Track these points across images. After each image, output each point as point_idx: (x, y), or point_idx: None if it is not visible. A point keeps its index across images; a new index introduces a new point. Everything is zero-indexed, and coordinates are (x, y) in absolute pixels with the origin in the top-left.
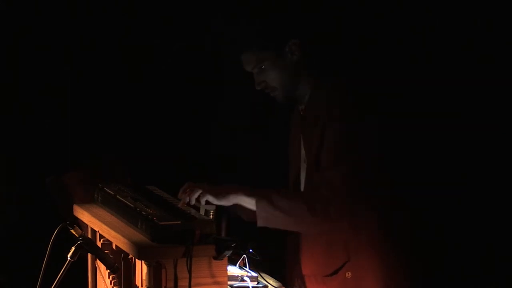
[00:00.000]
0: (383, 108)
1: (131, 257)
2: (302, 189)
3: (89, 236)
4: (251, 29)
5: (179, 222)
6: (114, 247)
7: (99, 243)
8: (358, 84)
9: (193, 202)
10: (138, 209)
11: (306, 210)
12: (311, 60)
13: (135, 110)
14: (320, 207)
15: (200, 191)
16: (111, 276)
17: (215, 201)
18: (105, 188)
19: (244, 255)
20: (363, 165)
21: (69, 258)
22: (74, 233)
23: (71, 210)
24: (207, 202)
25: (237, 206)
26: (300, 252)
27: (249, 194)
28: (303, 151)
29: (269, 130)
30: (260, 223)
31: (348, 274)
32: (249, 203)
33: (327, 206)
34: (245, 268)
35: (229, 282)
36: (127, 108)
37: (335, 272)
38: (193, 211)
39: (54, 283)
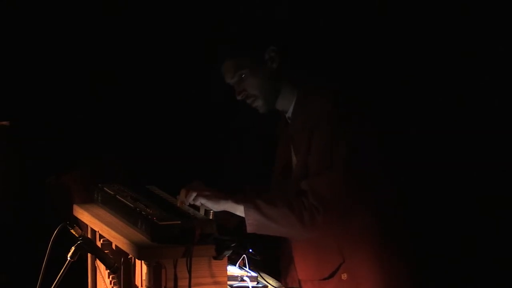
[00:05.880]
0: (371, 112)
1: (131, 257)
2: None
3: (89, 236)
4: (228, 36)
5: (179, 222)
6: (114, 247)
7: (99, 243)
8: (344, 89)
9: (187, 203)
10: (138, 209)
11: (294, 219)
12: (293, 66)
13: (135, 110)
14: (307, 215)
15: (194, 194)
16: (111, 276)
17: (208, 204)
18: (105, 188)
19: (244, 255)
20: (350, 170)
21: (69, 258)
22: (74, 233)
23: (70, 210)
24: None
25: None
26: (294, 257)
27: (237, 201)
28: (294, 158)
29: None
30: (249, 229)
31: (344, 276)
32: (237, 209)
33: (315, 215)
34: (245, 268)
35: (229, 282)
36: (127, 108)
37: (331, 275)
38: (193, 211)
39: (54, 283)
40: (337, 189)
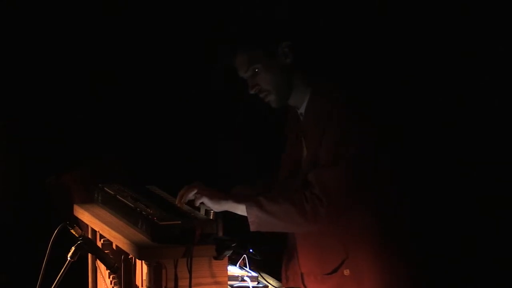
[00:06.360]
0: (381, 110)
1: (132, 257)
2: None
3: (90, 236)
4: (241, 29)
5: (180, 222)
6: (114, 247)
7: (99, 243)
8: (356, 86)
9: (185, 200)
10: (138, 209)
11: (296, 213)
12: (307, 63)
13: (135, 110)
14: (310, 208)
15: (195, 190)
16: (111, 276)
17: (209, 204)
18: (105, 188)
19: (244, 255)
20: (351, 170)
21: (69, 258)
22: (74, 233)
23: (71, 210)
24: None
25: None
26: (297, 250)
27: (238, 200)
28: (304, 153)
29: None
30: (252, 228)
31: (346, 272)
32: (238, 209)
33: (318, 206)
34: (245, 268)
35: (230, 282)
36: (127, 108)
37: (334, 271)
38: (193, 211)
39: (54, 283)
40: (341, 183)
